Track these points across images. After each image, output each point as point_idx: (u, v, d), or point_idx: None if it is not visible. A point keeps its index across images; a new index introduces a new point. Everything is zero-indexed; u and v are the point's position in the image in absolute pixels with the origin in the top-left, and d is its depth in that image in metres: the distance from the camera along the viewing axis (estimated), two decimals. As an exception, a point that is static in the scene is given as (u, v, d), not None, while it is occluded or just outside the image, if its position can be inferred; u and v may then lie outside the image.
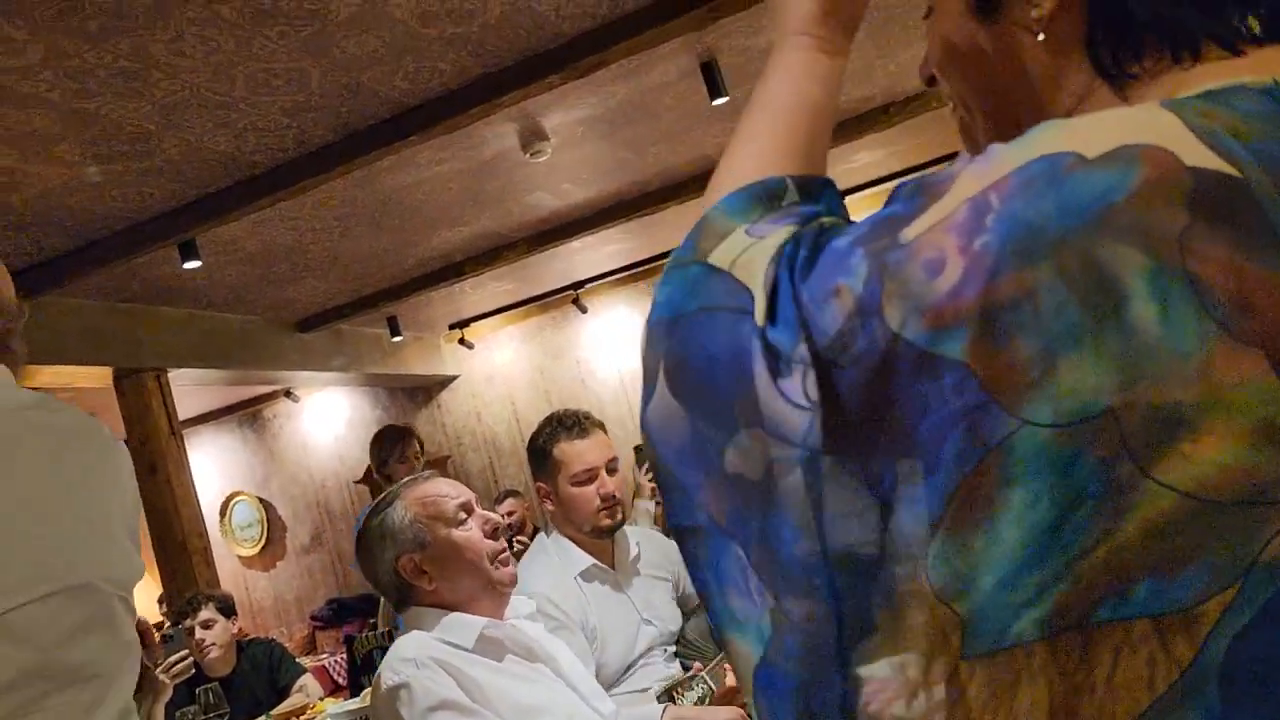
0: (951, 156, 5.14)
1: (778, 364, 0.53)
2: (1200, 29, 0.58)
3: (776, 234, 0.56)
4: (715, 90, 3.80)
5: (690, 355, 0.56)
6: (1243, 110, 0.52)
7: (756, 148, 0.65)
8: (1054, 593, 0.49)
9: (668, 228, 6.17)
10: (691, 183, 5.27)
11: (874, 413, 0.51)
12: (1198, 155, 0.49)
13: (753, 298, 0.54)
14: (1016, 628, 0.49)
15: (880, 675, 0.52)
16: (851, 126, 4.95)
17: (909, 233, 0.52)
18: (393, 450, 4.10)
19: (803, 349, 0.52)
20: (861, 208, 6.60)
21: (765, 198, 0.60)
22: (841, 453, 0.51)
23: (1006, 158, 0.52)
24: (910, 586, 0.51)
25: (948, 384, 0.49)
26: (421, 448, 4.24)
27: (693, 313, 0.56)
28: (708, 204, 0.61)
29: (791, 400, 0.52)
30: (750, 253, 0.56)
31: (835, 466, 0.52)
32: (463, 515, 1.77)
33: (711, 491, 0.56)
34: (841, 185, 6.07)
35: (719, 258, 0.57)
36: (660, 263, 7.05)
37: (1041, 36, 0.62)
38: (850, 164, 5.78)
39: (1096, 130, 0.51)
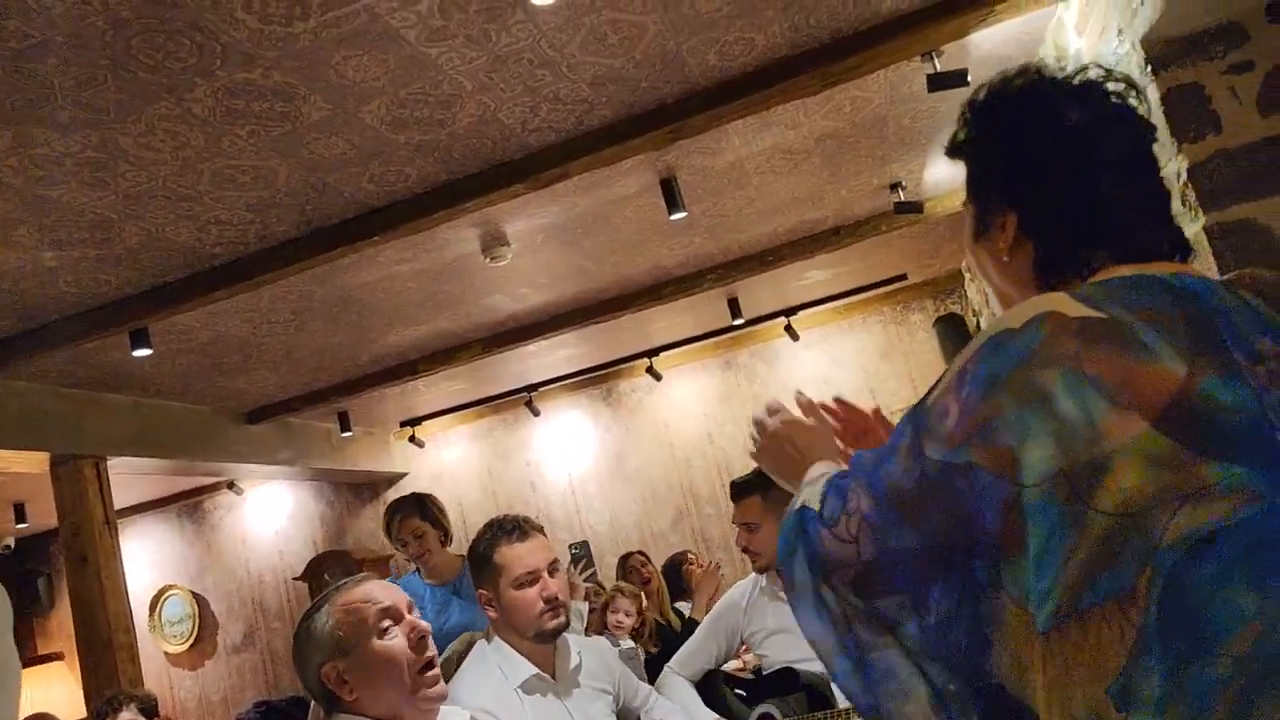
0: (898, 279, 5.29)
1: (826, 527, 0.99)
2: (1099, 258, 0.98)
3: (821, 481, 1.06)
4: (673, 205, 3.92)
5: (796, 556, 1.03)
6: (1112, 286, 0.92)
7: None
8: (1057, 589, 0.80)
9: (622, 335, 6.25)
10: (647, 292, 5.38)
11: (942, 509, 0.88)
12: (1078, 310, 0.87)
13: (811, 508, 1.03)
14: (1045, 617, 0.81)
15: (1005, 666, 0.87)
16: (803, 246, 5.11)
17: (928, 401, 0.94)
18: (387, 526, 3.78)
19: (850, 506, 0.98)
20: (812, 323, 6.75)
21: (814, 478, 1.11)
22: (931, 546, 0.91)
23: (973, 342, 0.92)
24: (1009, 606, 0.85)
25: (973, 477, 0.86)
26: (437, 522, 3.76)
27: (791, 530, 1.04)
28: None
29: (840, 538, 0.97)
30: (812, 490, 1.05)
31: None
32: (386, 623, 1.71)
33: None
34: (793, 301, 6.24)
35: (797, 501, 1.07)
36: (614, 368, 7.11)
37: (1006, 259, 1.05)
38: (802, 281, 5.93)
39: (1018, 312, 0.90)
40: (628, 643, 3.86)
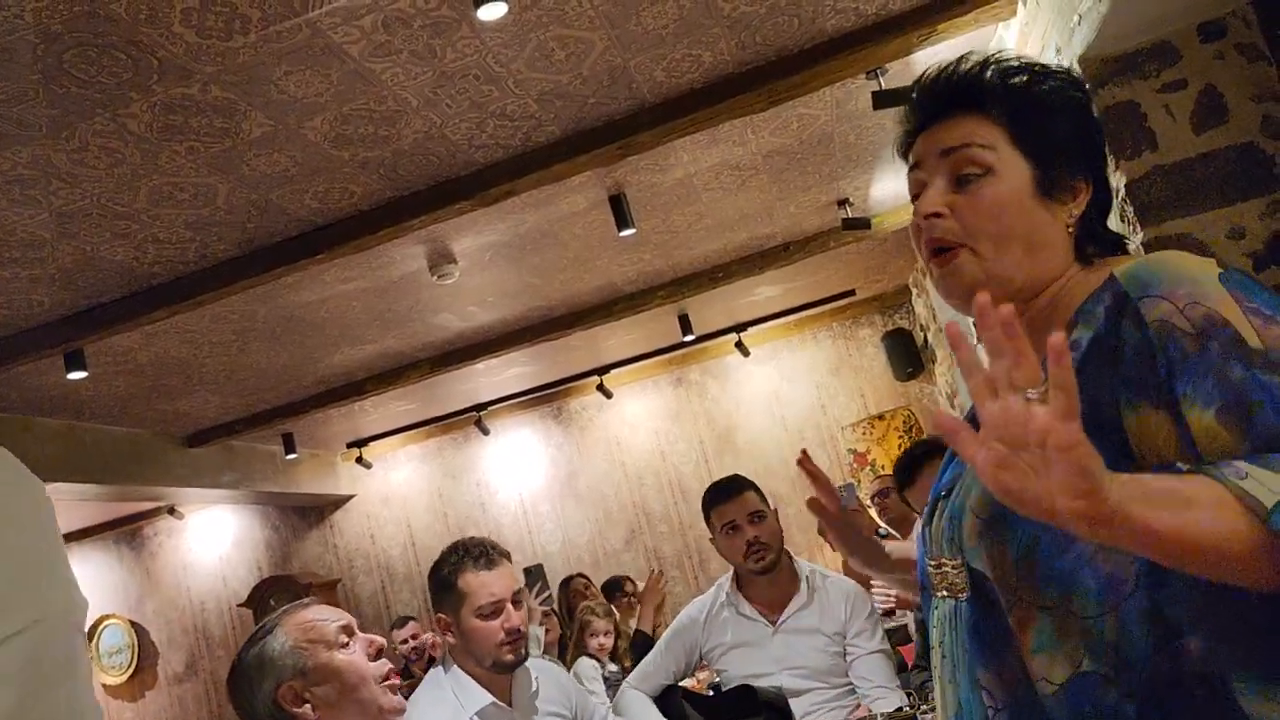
0: (846, 294, 5.30)
1: None
2: (1120, 243, 1.06)
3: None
4: (622, 221, 3.90)
5: None
6: None
7: None
8: None
9: (572, 352, 6.22)
10: (596, 310, 5.36)
11: None
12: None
13: None
14: None
15: None
16: (754, 262, 5.14)
17: (1250, 342, 0.87)
18: None
19: None
20: (762, 339, 6.78)
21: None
22: None
23: (1195, 285, 0.89)
24: None
25: None
26: None
27: None
28: None
29: None
30: None
31: None
32: (344, 638, 1.70)
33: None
34: (743, 318, 6.23)
35: None
36: (564, 386, 7.07)
37: (1071, 228, 1.02)
38: (752, 297, 5.96)
39: (1197, 261, 0.92)
40: (612, 666, 3.84)
